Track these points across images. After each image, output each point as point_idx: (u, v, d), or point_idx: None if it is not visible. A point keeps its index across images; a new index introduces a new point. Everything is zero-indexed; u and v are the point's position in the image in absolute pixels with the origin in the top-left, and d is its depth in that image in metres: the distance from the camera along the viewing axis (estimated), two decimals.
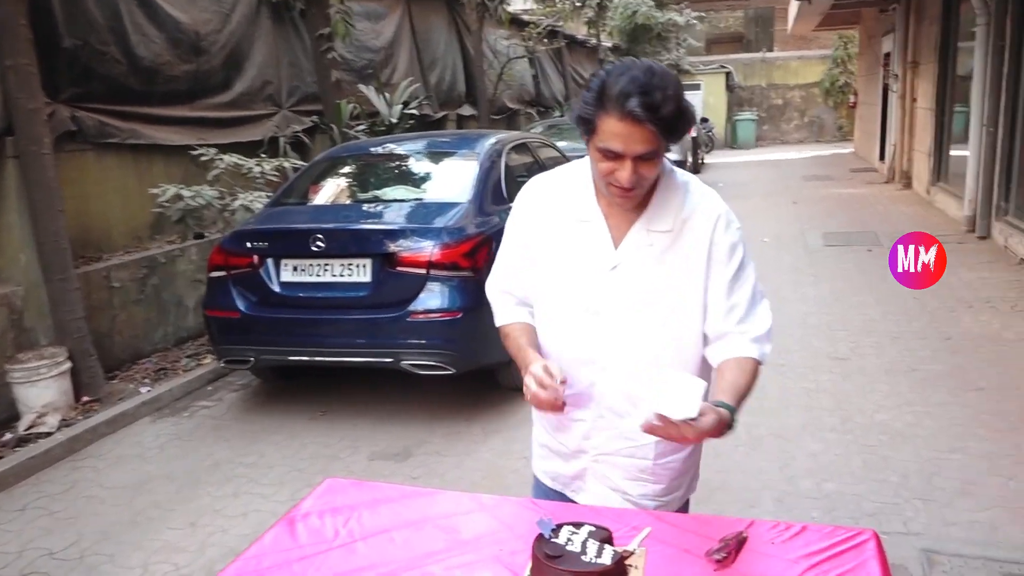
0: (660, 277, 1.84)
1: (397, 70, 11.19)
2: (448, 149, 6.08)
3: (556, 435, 2.03)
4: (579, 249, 1.87)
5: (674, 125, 1.68)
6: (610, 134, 1.68)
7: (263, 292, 4.99)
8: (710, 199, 1.88)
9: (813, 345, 5.97)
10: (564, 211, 1.90)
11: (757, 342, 1.86)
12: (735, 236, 1.87)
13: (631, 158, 1.69)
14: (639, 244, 1.84)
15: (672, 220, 1.84)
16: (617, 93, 1.65)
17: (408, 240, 4.76)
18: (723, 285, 1.84)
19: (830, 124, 27.48)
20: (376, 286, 4.77)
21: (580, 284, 1.87)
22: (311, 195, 5.66)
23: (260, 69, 8.27)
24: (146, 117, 6.83)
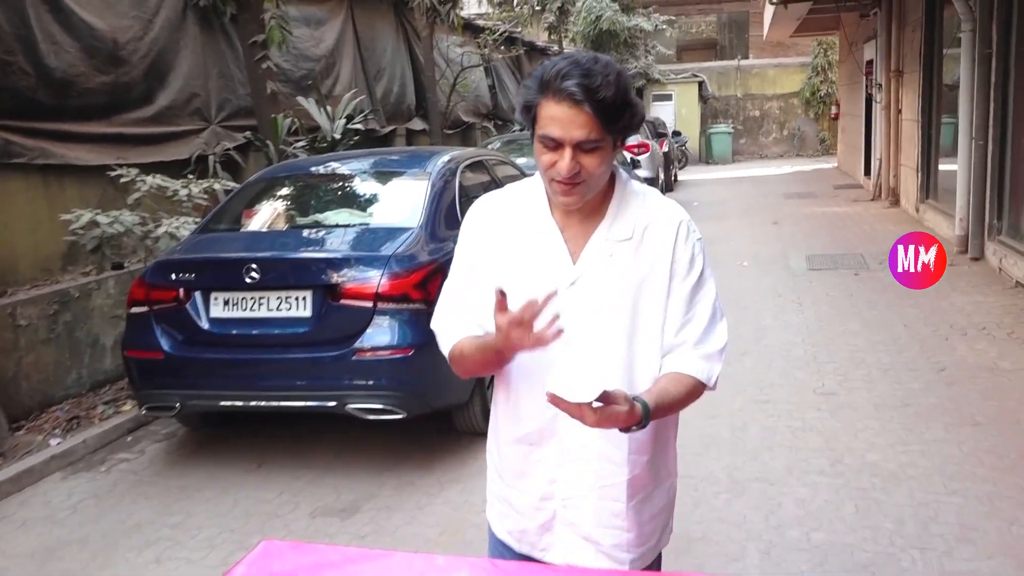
0: (623, 290, 1.89)
1: (340, 81, 11.21)
2: (397, 168, 6.08)
3: (517, 483, 2.03)
4: (535, 266, 1.92)
5: (616, 114, 1.77)
6: (548, 119, 1.78)
7: (190, 330, 4.93)
8: (671, 206, 1.97)
9: (797, 378, 6.04)
10: (517, 227, 1.95)
11: (707, 360, 1.92)
12: (696, 247, 1.95)
13: (570, 146, 1.77)
14: (599, 255, 1.90)
15: (632, 228, 1.91)
16: (556, 74, 1.76)
17: (353, 270, 4.74)
18: (681, 298, 1.91)
19: (811, 137, 28.07)
20: (317, 321, 4.74)
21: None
22: (244, 220, 5.62)
23: (186, 80, 8.23)
24: (57, 134, 6.74)
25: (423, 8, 12.30)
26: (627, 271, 1.90)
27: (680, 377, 1.89)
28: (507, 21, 18.21)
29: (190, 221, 6.36)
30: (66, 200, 6.72)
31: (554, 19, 21.52)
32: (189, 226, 6.19)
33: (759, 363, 6.43)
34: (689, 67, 29.21)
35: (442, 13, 12.50)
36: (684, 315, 1.91)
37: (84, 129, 7.02)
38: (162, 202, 6.69)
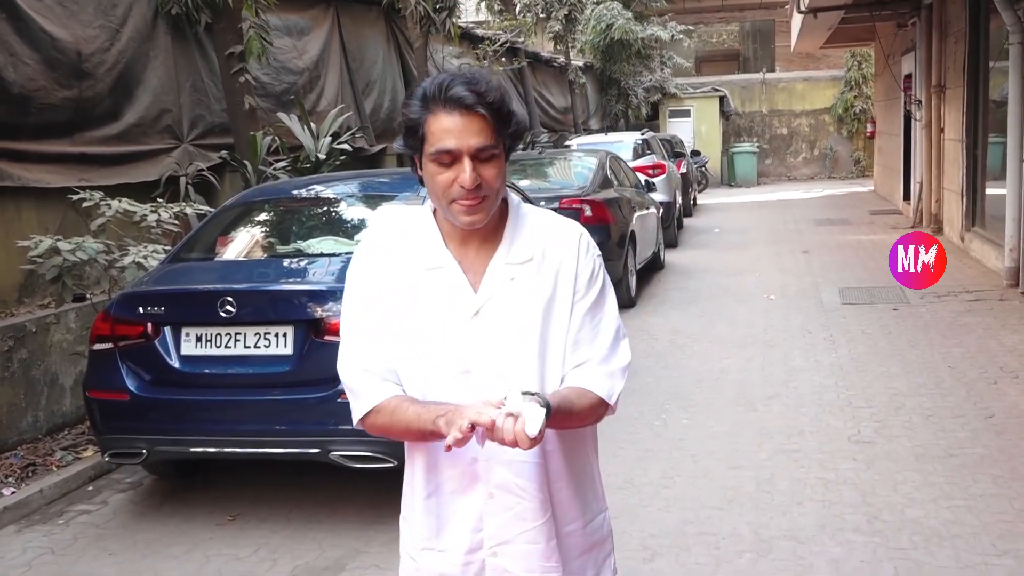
0: (529, 313, 2.03)
1: (325, 95, 11.32)
2: (387, 192, 6.14)
3: (439, 539, 2.10)
4: (435, 301, 2.04)
5: (505, 116, 1.95)
6: (440, 132, 1.91)
7: (159, 368, 4.96)
8: (568, 223, 2.14)
9: (831, 425, 6.06)
10: (410, 263, 2.07)
11: (611, 378, 2.05)
12: (596, 262, 2.10)
13: (468, 155, 1.92)
14: (500, 280, 2.03)
15: (531, 248, 2.06)
16: (439, 86, 1.92)
17: (339, 303, 4.71)
18: (584, 315, 2.05)
19: (844, 157, 28.21)
20: (300, 360, 4.77)
21: (442, 341, 2.02)
22: (219, 249, 5.66)
23: (156, 95, 8.33)
24: (14, 154, 6.81)
25: (416, 16, 12.43)
26: (531, 293, 2.03)
27: (582, 392, 2.01)
28: (509, 30, 18.38)
29: (159, 249, 6.40)
30: (23, 225, 6.77)
31: (560, 28, 21.74)
32: (158, 255, 6.23)
33: (788, 408, 6.45)
34: (709, 80, 29.44)
35: (437, 21, 12.63)
36: (587, 332, 2.05)
37: (44, 148, 7.08)
38: (128, 228, 6.74)
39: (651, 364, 7.74)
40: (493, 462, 2.02)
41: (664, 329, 9.02)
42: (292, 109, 10.00)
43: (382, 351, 2.07)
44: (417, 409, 1.98)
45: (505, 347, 2.01)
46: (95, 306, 6.44)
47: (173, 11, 8.48)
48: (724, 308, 9.88)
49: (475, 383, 1.99)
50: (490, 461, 2.02)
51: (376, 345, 2.07)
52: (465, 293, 2.03)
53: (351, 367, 2.10)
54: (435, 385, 2.03)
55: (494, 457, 2.01)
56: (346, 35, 12.02)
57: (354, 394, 2.10)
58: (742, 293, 10.59)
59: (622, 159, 12.71)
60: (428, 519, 2.09)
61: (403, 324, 2.05)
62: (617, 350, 2.08)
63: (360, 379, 2.08)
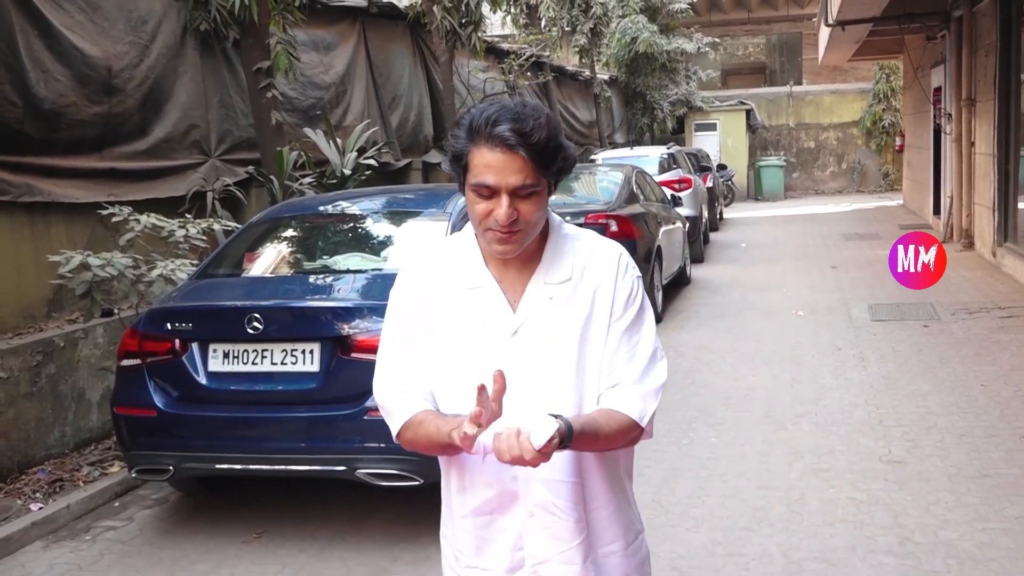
0: (566, 333, 2.06)
1: (351, 110, 11.39)
2: (413, 208, 6.18)
3: (480, 559, 2.13)
4: (474, 320, 2.08)
5: (550, 156, 1.97)
6: (482, 166, 1.94)
7: (186, 384, 4.99)
8: (607, 243, 2.17)
9: (861, 444, 6.01)
10: (451, 284, 2.11)
11: (644, 399, 2.07)
12: (634, 283, 2.13)
13: (507, 192, 1.95)
14: (538, 301, 2.07)
15: (569, 268, 2.09)
16: (486, 121, 1.93)
17: (366, 320, 4.81)
18: (620, 336, 2.08)
19: (873, 171, 28.06)
20: (326, 377, 4.79)
21: (480, 360, 2.04)
22: (246, 265, 5.71)
23: (185, 111, 8.40)
24: (44, 169, 6.88)
25: (442, 31, 12.50)
26: (568, 313, 2.06)
27: (612, 413, 2.02)
28: (534, 44, 18.43)
29: (187, 264, 6.44)
30: (52, 241, 6.84)
31: (586, 41, 21.78)
32: (186, 270, 6.28)
33: (817, 427, 6.41)
34: (736, 93, 29.39)
35: (463, 36, 12.69)
36: (623, 353, 2.07)
37: (74, 164, 7.16)
38: (156, 243, 6.79)
39: (678, 381, 7.70)
40: (532, 481, 2.04)
41: (691, 345, 8.98)
42: (318, 124, 10.07)
43: (419, 371, 2.11)
44: (437, 422, 2.02)
45: (543, 367, 2.04)
46: (123, 321, 6.49)
47: (202, 27, 8.56)
48: (751, 324, 9.83)
49: (512, 403, 1.98)
50: (529, 480, 2.04)
51: (413, 365, 2.11)
52: (504, 313, 2.06)
53: (386, 387, 2.14)
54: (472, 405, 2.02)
55: (533, 476, 2.03)
56: (372, 50, 12.10)
57: (387, 413, 2.14)
58: (770, 309, 10.54)
59: (648, 173, 12.67)
60: (468, 537, 2.12)
61: (441, 343, 2.08)
62: (652, 371, 2.10)
63: (394, 398, 2.12)
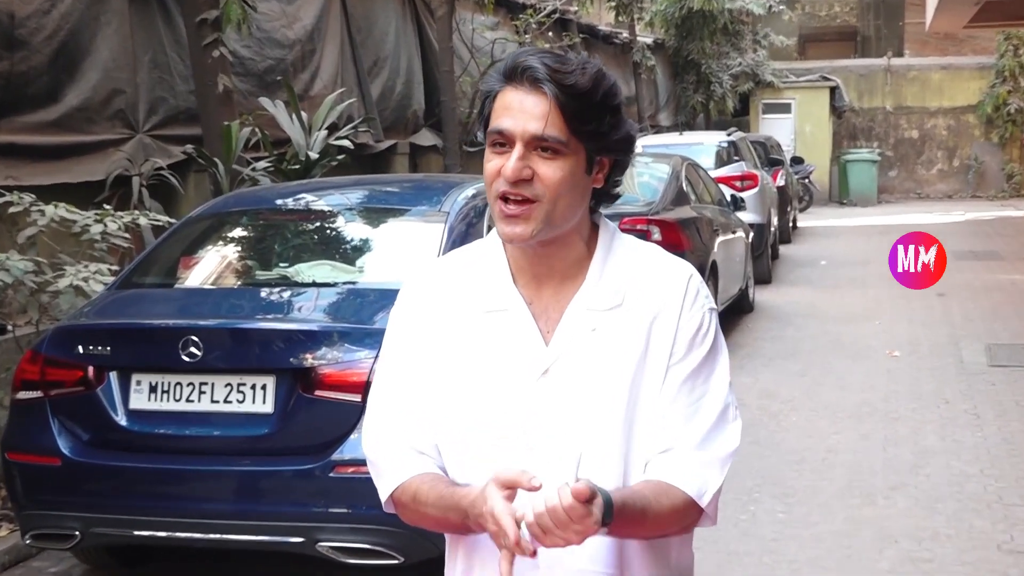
0: (612, 377, 2.02)
1: (320, 76, 11.37)
2: (399, 204, 6.18)
3: None
4: (494, 353, 2.05)
5: (587, 110, 1.95)
6: (501, 107, 1.98)
7: (101, 426, 4.95)
8: (674, 261, 2.13)
9: (974, 528, 6.00)
10: (467, 304, 2.09)
11: (705, 469, 2.04)
12: (706, 316, 2.09)
13: (523, 141, 1.94)
14: (578, 330, 2.04)
15: (621, 291, 2.06)
16: (528, 58, 1.97)
17: (336, 348, 4.80)
18: (681, 384, 2.04)
19: (993, 170, 27.94)
20: (283, 420, 4.77)
21: (500, 406, 2.03)
22: (182, 273, 5.70)
23: (106, 72, 8.39)
24: None
25: None
26: (617, 349, 2.03)
27: (664, 488, 2.00)
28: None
29: (105, 270, 6.41)
30: None
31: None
32: (104, 277, 6.25)
33: (917, 503, 6.39)
34: (817, 66, 29.32)
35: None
36: (683, 407, 2.03)
37: None
38: (66, 241, 6.77)
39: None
40: (557, 569, 2.01)
41: (753, 392, 8.96)
42: (278, 93, 10.03)
43: (422, 418, 2.09)
44: (440, 491, 2.00)
45: (579, 418, 2.00)
46: (19, 342, 6.47)
47: None
48: (833, 366, 9.80)
49: (540, 462, 1.95)
50: (553, 568, 2.01)
51: (415, 410, 2.09)
52: (533, 345, 2.04)
53: (379, 438, 2.13)
54: (488, 464, 1.99)
55: (559, 564, 2.00)
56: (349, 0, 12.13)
57: (377, 471, 2.12)
58: (857, 347, 10.50)
59: (701, 167, 12.62)
60: None
61: (451, 382, 2.06)
62: (720, 434, 2.05)
63: (388, 453, 2.11)
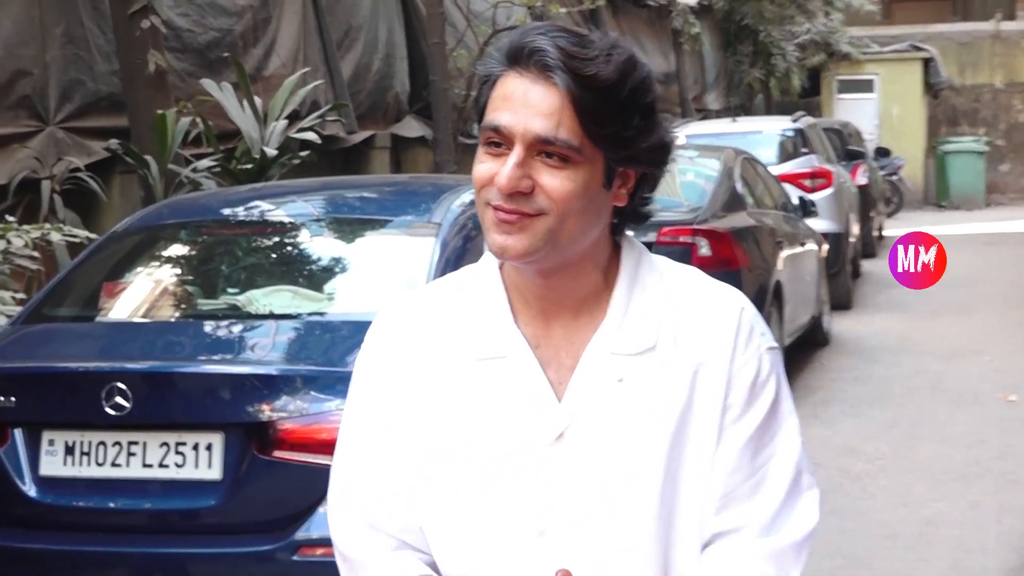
0: (646, 442, 1.99)
1: (276, 51, 11.48)
2: (378, 214, 6.24)
3: None
4: (492, 413, 2.02)
5: (609, 108, 1.90)
6: (500, 98, 1.95)
7: (2, 496, 4.95)
8: (718, 288, 2.10)
9: None
10: (457, 348, 2.07)
11: (779, 560, 2.01)
12: (765, 359, 2.06)
13: (523, 143, 1.90)
14: (600, 381, 2.00)
15: (654, 329, 2.02)
16: (533, 36, 1.93)
17: (298, 397, 4.81)
18: (739, 449, 2.01)
19: None
20: (233, 489, 4.78)
21: (502, 481, 2.00)
22: (105, 302, 5.73)
23: (7, 48, 8.47)
24: None
25: None
26: (652, 403, 1.99)
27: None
28: None
29: (8, 298, 6.49)
30: None
31: None
32: (6, 307, 6.32)
33: None
34: (906, 32, 29.47)
35: None
36: (744, 479, 2.01)
37: None
38: None
39: None
40: None
41: (830, 447, 8.93)
42: (225, 73, 10.11)
43: (401, 495, 2.07)
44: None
45: (606, 494, 1.98)
46: None
47: None
48: (931, 415, 9.82)
49: (552, 552, 1.96)
50: None
51: (392, 485, 2.07)
52: (543, 401, 2.00)
53: (348, 520, 2.11)
54: (487, 554, 2.00)
55: None
56: None
57: (350, 565, 2.12)
58: (962, 390, 10.49)
59: (761, 162, 12.76)
60: None
61: (438, 451, 2.04)
62: (793, 511, 2.03)
63: (360, 542, 2.09)
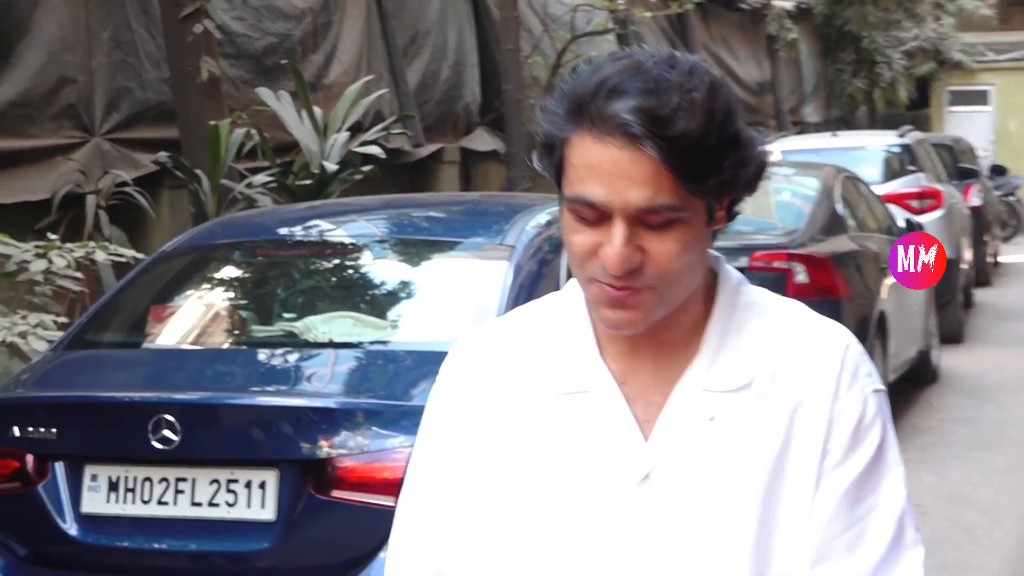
0: (739, 486, 2.01)
1: (338, 58, 11.57)
2: (446, 235, 6.29)
3: None
4: (574, 454, 2.04)
5: (708, 160, 1.88)
6: (585, 167, 1.90)
7: (42, 534, 5.05)
8: (821, 324, 2.12)
9: None
10: (536, 383, 2.10)
11: None
12: (870, 402, 2.06)
13: (624, 217, 1.89)
14: (691, 420, 2.02)
15: (750, 365, 2.05)
16: (598, 87, 1.89)
17: (359, 433, 4.84)
18: (839, 497, 2.02)
19: None
20: (288, 531, 4.83)
21: (583, 524, 2.02)
22: (152, 327, 5.78)
23: (51, 54, 8.54)
24: None
25: None
26: (746, 444, 2.01)
27: None
28: None
29: (49, 322, 6.53)
30: None
31: None
32: (47, 333, 6.37)
33: None
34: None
35: None
36: (843, 530, 2.01)
37: None
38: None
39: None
40: None
41: (939, 495, 8.88)
42: (282, 82, 10.17)
43: (471, 542, 2.09)
44: None
45: (694, 540, 1.99)
46: None
47: None
48: None
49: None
50: None
51: (462, 530, 2.09)
52: (628, 440, 2.02)
53: (411, 566, 2.14)
54: None
55: None
56: None
57: None
58: None
59: (863, 181, 12.79)
60: None
61: (513, 493, 2.06)
62: (894, 569, 2.01)
63: None
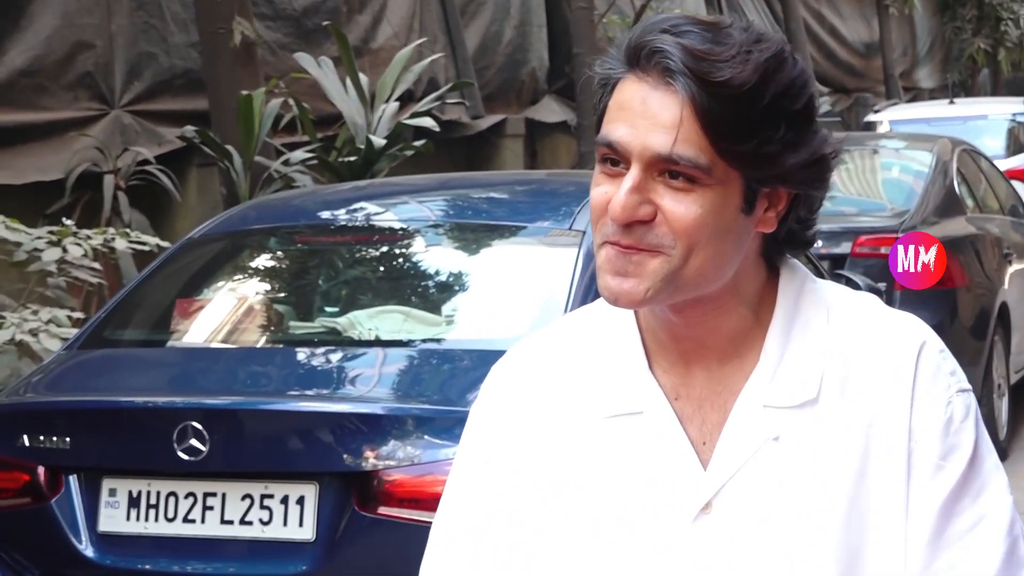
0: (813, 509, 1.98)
1: (388, 19, 11.52)
2: (508, 219, 6.31)
3: None
4: (624, 480, 2.04)
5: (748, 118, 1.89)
6: (616, 108, 1.96)
7: (56, 556, 5.08)
8: (894, 321, 2.08)
9: None
10: (584, 404, 2.09)
11: None
12: (952, 404, 2.01)
13: (640, 162, 1.90)
14: (753, 440, 2.00)
15: (813, 377, 2.01)
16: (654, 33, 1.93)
17: (409, 442, 4.88)
18: (934, 512, 1.97)
19: None
20: (329, 552, 4.86)
21: (640, 561, 2.01)
22: (177, 323, 5.84)
23: (66, 17, 8.54)
24: None
25: None
26: (816, 467, 1.98)
27: None
28: None
29: (63, 318, 6.57)
30: None
31: None
32: (61, 330, 6.40)
33: None
34: None
35: None
36: (944, 548, 1.97)
37: None
38: (6, 274, 6.90)
39: None
40: None
41: None
42: (324, 46, 10.18)
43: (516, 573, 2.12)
44: None
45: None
46: None
47: None
48: None
49: None
50: None
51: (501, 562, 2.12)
52: (685, 465, 2.02)
53: None
54: None
55: None
56: None
57: None
58: None
59: (984, 155, 12.51)
60: None
61: (559, 523, 2.07)
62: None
63: None
